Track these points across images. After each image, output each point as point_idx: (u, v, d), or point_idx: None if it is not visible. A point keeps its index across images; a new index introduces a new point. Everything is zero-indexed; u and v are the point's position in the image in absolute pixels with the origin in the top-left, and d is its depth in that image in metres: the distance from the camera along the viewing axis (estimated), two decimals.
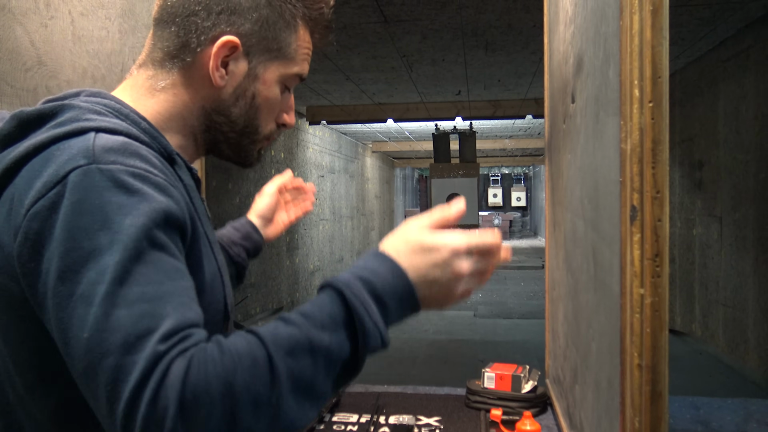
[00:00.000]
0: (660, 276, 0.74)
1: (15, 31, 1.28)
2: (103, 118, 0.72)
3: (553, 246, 1.61)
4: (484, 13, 4.16)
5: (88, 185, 0.63)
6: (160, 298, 0.60)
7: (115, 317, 0.58)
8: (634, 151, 0.75)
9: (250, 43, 0.79)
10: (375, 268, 0.68)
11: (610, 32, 0.86)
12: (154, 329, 0.58)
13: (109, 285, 0.59)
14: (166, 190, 0.67)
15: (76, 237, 0.61)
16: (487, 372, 1.53)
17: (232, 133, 0.84)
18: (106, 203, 0.62)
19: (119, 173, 0.64)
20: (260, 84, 0.82)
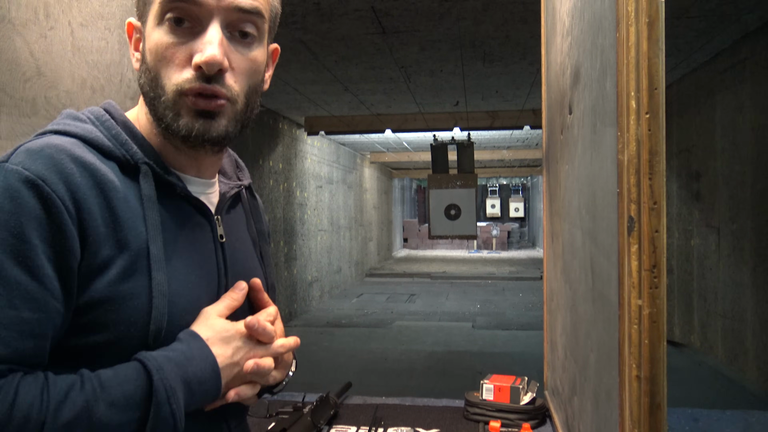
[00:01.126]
0: (658, 287, 0.74)
1: (14, 42, 1.29)
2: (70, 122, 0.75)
3: (552, 257, 1.61)
4: (482, 25, 4.18)
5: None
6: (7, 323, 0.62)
7: None
8: (631, 162, 0.75)
9: (139, 12, 0.79)
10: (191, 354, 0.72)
11: (607, 44, 0.86)
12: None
13: None
14: (51, 204, 0.66)
15: None
16: (486, 383, 1.53)
17: (151, 107, 0.76)
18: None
19: (12, 176, 0.65)
20: (146, 42, 0.76)
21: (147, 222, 0.74)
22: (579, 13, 1.11)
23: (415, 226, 20.61)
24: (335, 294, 10.28)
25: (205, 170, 0.85)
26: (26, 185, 0.65)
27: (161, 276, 0.73)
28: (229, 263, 0.86)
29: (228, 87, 0.75)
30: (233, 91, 0.76)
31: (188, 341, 0.73)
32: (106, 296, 0.69)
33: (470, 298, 9.85)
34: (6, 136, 1.26)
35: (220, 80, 0.74)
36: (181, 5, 0.72)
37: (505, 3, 3.75)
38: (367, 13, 3.92)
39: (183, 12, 0.73)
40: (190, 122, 0.74)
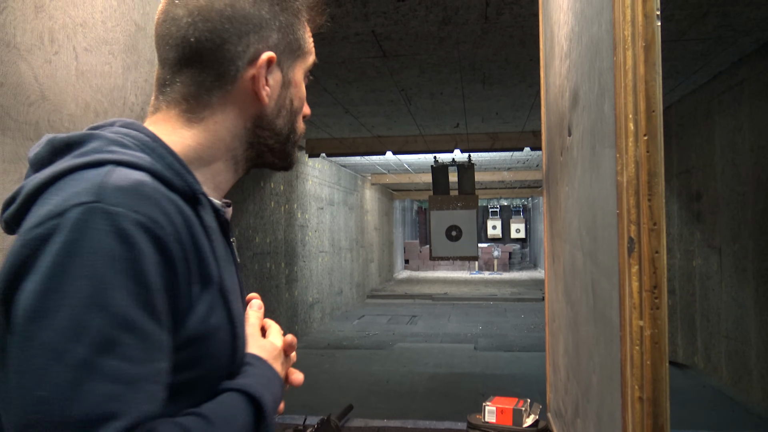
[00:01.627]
0: (659, 308, 0.74)
1: (19, 67, 1.30)
2: (125, 151, 0.68)
3: (553, 278, 1.60)
4: (482, 48, 4.23)
5: (85, 226, 0.59)
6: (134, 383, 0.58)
7: (85, 389, 0.55)
8: (630, 184, 0.76)
9: (279, 51, 0.80)
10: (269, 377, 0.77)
11: (605, 67, 0.87)
12: (118, 416, 0.55)
13: (86, 349, 0.56)
14: (164, 247, 0.63)
15: (59, 279, 0.57)
16: (488, 406, 1.52)
17: (277, 144, 0.84)
18: (101, 251, 0.58)
19: (122, 219, 0.60)
20: (293, 88, 0.83)
21: (216, 254, 0.73)
22: (577, 37, 1.12)
23: (416, 247, 20.59)
24: (336, 316, 10.24)
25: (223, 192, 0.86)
26: (140, 229, 0.61)
27: (238, 307, 0.76)
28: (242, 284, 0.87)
29: None
30: None
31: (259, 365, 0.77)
32: (199, 333, 0.69)
33: (472, 320, 9.80)
34: (10, 159, 1.27)
35: None
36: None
37: (503, 27, 3.80)
38: (367, 37, 3.96)
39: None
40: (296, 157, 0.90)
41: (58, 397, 0.54)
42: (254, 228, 6.66)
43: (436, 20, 3.68)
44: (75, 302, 0.56)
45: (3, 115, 1.26)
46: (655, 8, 0.74)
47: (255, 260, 6.65)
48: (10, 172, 1.27)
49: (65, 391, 0.54)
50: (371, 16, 3.58)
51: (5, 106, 1.26)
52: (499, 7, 3.49)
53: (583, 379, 1.13)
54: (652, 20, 0.74)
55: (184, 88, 0.77)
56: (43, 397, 0.54)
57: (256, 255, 6.67)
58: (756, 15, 3.65)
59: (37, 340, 0.55)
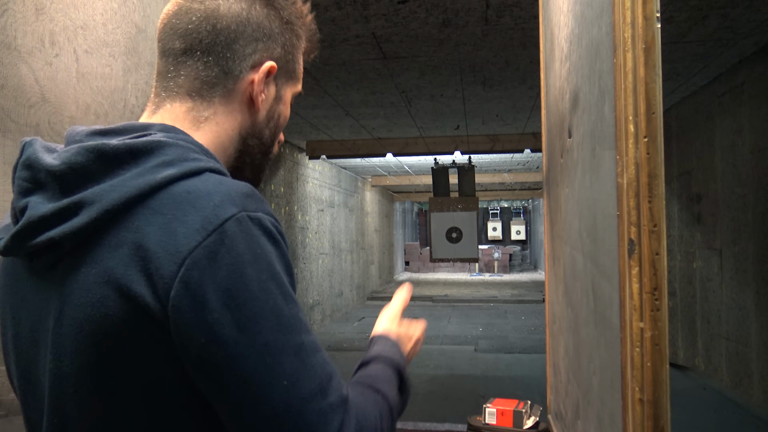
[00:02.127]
0: (659, 309, 0.74)
1: (20, 69, 1.30)
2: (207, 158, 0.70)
3: (553, 280, 1.61)
4: (482, 50, 4.23)
5: (246, 235, 0.63)
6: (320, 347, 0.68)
7: (310, 365, 0.65)
8: (630, 185, 0.76)
9: (279, 66, 0.82)
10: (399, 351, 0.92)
11: (605, 69, 0.87)
12: (333, 373, 0.67)
13: (296, 335, 0.65)
14: (285, 240, 0.70)
15: (248, 286, 0.61)
16: (489, 408, 1.51)
17: (259, 155, 0.84)
18: (268, 253, 0.64)
19: (265, 221, 0.66)
20: (282, 105, 0.85)
21: None
22: (577, 39, 1.13)
23: (416, 249, 20.58)
24: (337, 317, 10.24)
25: None
26: (274, 227, 0.67)
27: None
28: None
29: None
30: None
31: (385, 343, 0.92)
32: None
33: (472, 322, 9.80)
34: (10, 162, 1.27)
35: None
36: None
37: (504, 29, 3.80)
38: (367, 40, 3.96)
39: None
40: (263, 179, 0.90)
41: (299, 378, 0.63)
42: None
43: (436, 22, 3.68)
44: (272, 302, 0.63)
45: (3, 117, 1.26)
46: (655, 10, 0.74)
47: None
48: (10, 175, 1.27)
49: (302, 372, 0.64)
50: (371, 18, 3.59)
51: (6, 108, 1.27)
52: (500, 10, 3.49)
53: (584, 381, 1.13)
54: (652, 22, 0.74)
55: (188, 82, 0.76)
56: (287, 385, 0.62)
57: None
58: (756, 17, 3.65)
59: (258, 344, 0.62)
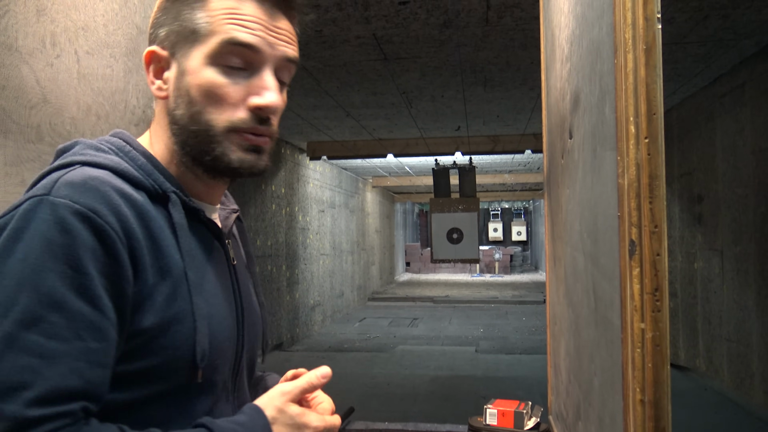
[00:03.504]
0: (660, 310, 0.74)
1: (21, 71, 1.31)
2: (97, 153, 0.75)
3: (554, 280, 1.60)
4: (482, 51, 4.23)
5: (30, 215, 0.65)
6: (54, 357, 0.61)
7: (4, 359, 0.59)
8: (631, 186, 0.76)
9: (170, 44, 0.79)
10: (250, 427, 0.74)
11: (606, 70, 0.87)
12: (29, 386, 0.59)
13: (10, 324, 0.60)
14: (104, 236, 0.67)
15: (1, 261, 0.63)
16: (489, 408, 1.51)
17: (189, 139, 0.78)
18: (36, 236, 0.64)
19: (63, 209, 0.65)
20: (188, 75, 0.77)
21: (182, 249, 0.76)
22: (578, 40, 1.13)
23: (417, 250, 20.58)
24: (337, 318, 10.24)
25: (216, 197, 0.89)
26: (78, 218, 0.66)
27: (201, 300, 0.77)
28: (240, 285, 0.89)
29: (272, 127, 0.82)
30: (274, 130, 0.83)
31: (253, 416, 0.75)
32: (154, 322, 0.72)
33: (473, 322, 9.80)
34: (12, 162, 1.28)
35: (269, 122, 0.81)
36: (240, 50, 0.77)
37: (504, 30, 3.80)
38: (368, 41, 3.97)
39: (240, 56, 0.77)
40: (242, 156, 0.79)
41: None
42: (255, 231, 6.66)
43: (437, 23, 3.68)
44: (8, 282, 0.62)
45: (5, 119, 1.26)
46: (656, 11, 0.74)
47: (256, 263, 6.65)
48: (12, 175, 1.27)
49: None
50: (372, 19, 3.59)
51: (7, 110, 1.27)
52: (500, 11, 3.49)
53: (585, 382, 1.13)
54: (652, 23, 0.74)
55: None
56: None
57: (257, 258, 6.67)
58: (757, 17, 3.65)
59: None
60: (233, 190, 0.96)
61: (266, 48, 0.78)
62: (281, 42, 0.80)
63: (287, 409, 0.77)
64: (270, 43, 0.78)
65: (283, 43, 0.80)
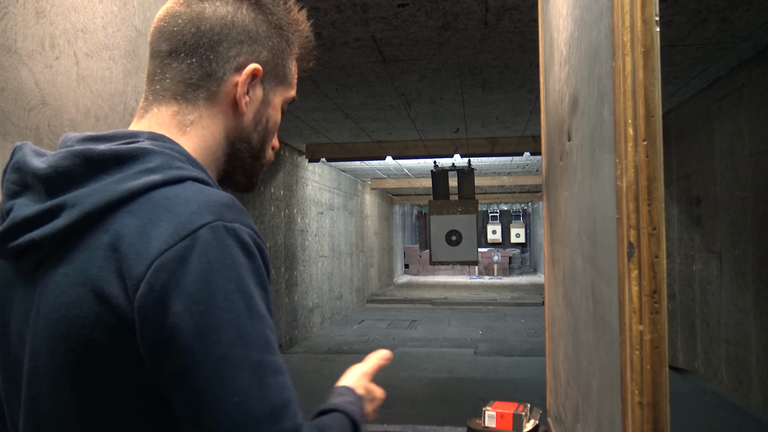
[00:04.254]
0: (659, 312, 0.74)
1: (20, 72, 1.31)
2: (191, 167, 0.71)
3: (553, 283, 1.61)
4: (481, 53, 4.24)
5: (218, 243, 0.62)
6: (285, 370, 0.66)
7: (267, 385, 0.62)
8: (629, 188, 0.76)
9: (266, 69, 0.81)
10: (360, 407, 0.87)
11: (604, 73, 0.88)
12: (290, 400, 0.64)
13: (257, 352, 0.62)
14: (264, 254, 0.68)
15: (214, 295, 0.61)
16: (488, 411, 1.51)
17: (249, 159, 0.84)
18: (239, 264, 0.63)
19: (241, 233, 0.65)
20: (271, 109, 0.84)
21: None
22: (576, 43, 1.13)
23: (416, 252, 20.57)
24: (336, 320, 10.23)
25: None
26: (251, 240, 0.66)
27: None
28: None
29: None
30: None
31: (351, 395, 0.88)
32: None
33: (472, 325, 9.79)
34: None
35: None
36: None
37: (503, 32, 3.81)
38: (367, 43, 3.97)
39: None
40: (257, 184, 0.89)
41: (250, 397, 0.61)
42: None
43: (435, 26, 3.69)
44: (236, 314, 0.62)
45: (4, 120, 1.26)
46: (654, 14, 0.74)
47: None
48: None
49: (255, 391, 0.61)
50: (371, 21, 3.59)
51: (6, 111, 1.27)
52: (499, 13, 3.50)
53: (583, 384, 1.13)
54: (651, 26, 0.74)
55: (173, 85, 0.77)
56: (239, 402, 0.60)
57: None
58: (755, 20, 3.66)
59: (215, 355, 0.60)
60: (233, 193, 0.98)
61: None
62: None
63: (369, 386, 0.94)
64: None
65: None
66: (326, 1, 3.30)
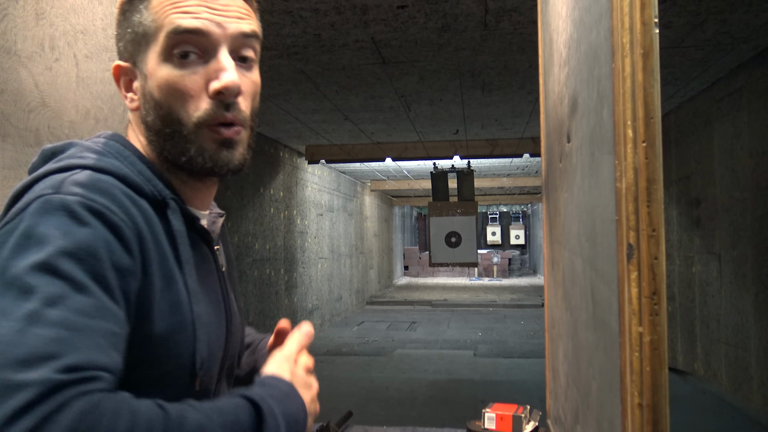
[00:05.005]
0: (658, 314, 0.74)
1: (20, 74, 1.31)
2: (98, 157, 0.73)
3: (552, 284, 1.61)
4: (481, 55, 4.24)
5: (41, 212, 0.63)
6: (80, 330, 0.58)
7: (29, 334, 0.56)
8: (629, 190, 0.76)
9: (129, 53, 0.79)
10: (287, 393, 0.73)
11: (603, 74, 0.88)
12: (58, 356, 0.56)
13: (34, 303, 0.58)
14: (117, 230, 0.66)
15: (17, 254, 0.61)
16: (488, 412, 1.51)
17: (165, 143, 0.77)
18: (53, 228, 0.62)
19: (74, 204, 0.64)
20: (149, 80, 0.76)
21: (182, 257, 0.75)
22: (576, 44, 1.13)
23: (415, 253, 20.57)
24: (336, 322, 10.22)
25: (205, 201, 0.87)
26: (90, 212, 0.64)
27: (201, 309, 0.76)
28: (228, 291, 0.88)
29: (242, 113, 0.77)
30: (245, 116, 0.78)
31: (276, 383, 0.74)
32: (160, 330, 0.70)
33: (472, 326, 9.79)
34: (10, 166, 1.28)
35: (235, 107, 0.76)
36: (188, 37, 0.74)
37: (503, 34, 3.81)
38: (367, 44, 3.97)
39: (190, 44, 0.74)
40: (216, 153, 0.76)
41: (3, 342, 0.55)
42: (254, 234, 6.66)
43: (435, 27, 3.69)
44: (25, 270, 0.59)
45: (3, 122, 1.26)
46: (654, 16, 0.75)
47: (254, 267, 6.64)
48: (10, 179, 1.27)
49: (11, 338, 0.55)
50: (371, 23, 3.59)
51: (6, 113, 1.27)
52: (498, 15, 3.50)
53: (583, 386, 1.13)
54: (650, 27, 0.74)
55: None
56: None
57: (255, 261, 6.67)
58: (754, 22, 3.66)
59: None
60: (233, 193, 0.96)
61: (215, 29, 0.75)
62: (231, 19, 0.76)
63: (297, 372, 0.79)
64: (218, 23, 0.75)
65: (233, 19, 0.76)
66: (326, 3, 3.30)
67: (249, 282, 6.43)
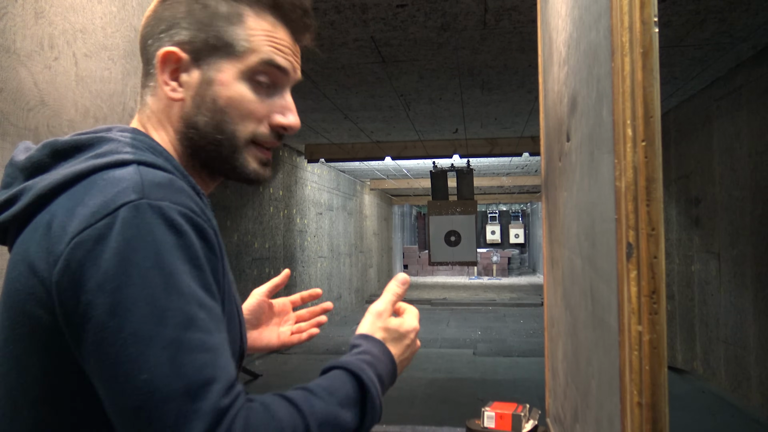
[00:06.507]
0: (657, 313, 0.74)
1: (19, 73, 1.31)
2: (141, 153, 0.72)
3: (552, 283, 1.61)
4: (480, 54, 4.24)
5: (139, 221, 0.62)
6: (216, 349, 0.62)
7: (181, 363, 0.59)
8: (628, 189, 0.76)
9: (193, 49, 0.78)
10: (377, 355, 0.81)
11: (603, 73, 0.88)
12: (215, 380, 0.60)
13: (173, 329, 0.60)
14: (204, 233, 0.67)
15: (128, 272, 0.60)
16: (487, 411, 1.51)
17: (209, 146, 0.79)
18: (159, 242, 0.62)
19: (169, 211, 0.64)
20: (217, 86, 0.78)
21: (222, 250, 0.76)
22: (575, 43, 1.13)
23: (415, 252, 20.57)
24: (335, 321, 10.22)
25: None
26: (183, 218, 0.65)
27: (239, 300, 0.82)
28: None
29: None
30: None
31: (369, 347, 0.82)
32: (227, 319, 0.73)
33: (471, 325, 9.79)
34: None
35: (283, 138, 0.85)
36: (273, 71, 0.81)
37: (502, 33, 3.81)
38: (366, 43, 3.97)
39: (271, 77, 0.81)
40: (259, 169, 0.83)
41: (159, 375, 0.58)
42: (253, 233, 6.66)
43: (435, 26, 3.69)
44: (150, 291, 0.60)
45: (2, 121, 1.26)
46: (653, 15, 0.75)
47: (254, 265, 6.64)
48: None
49: (164, 369, 0.58)
50: (370, 22, 3.59)
51: (5, 112, 1.27)
52: (498, 14, 3.50)
53: (582, 385, 1.13)
54: (649, 26, 0.74)
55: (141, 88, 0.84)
56: (146, 380, 0.58)
57: (255, 260, 6.67)
58: (754, 21, 3.66)
59: (125, 332, 0.59)
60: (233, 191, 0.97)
61: (292, 72, 0.83)
62: (299, 66, 0.86)
63: (390, 326, 0.86)
64: (294, 67, 0.84)
65: (299, 66, 0.86)
66: (325, 2, 3.30)
67: (248, 281, 6.43)
